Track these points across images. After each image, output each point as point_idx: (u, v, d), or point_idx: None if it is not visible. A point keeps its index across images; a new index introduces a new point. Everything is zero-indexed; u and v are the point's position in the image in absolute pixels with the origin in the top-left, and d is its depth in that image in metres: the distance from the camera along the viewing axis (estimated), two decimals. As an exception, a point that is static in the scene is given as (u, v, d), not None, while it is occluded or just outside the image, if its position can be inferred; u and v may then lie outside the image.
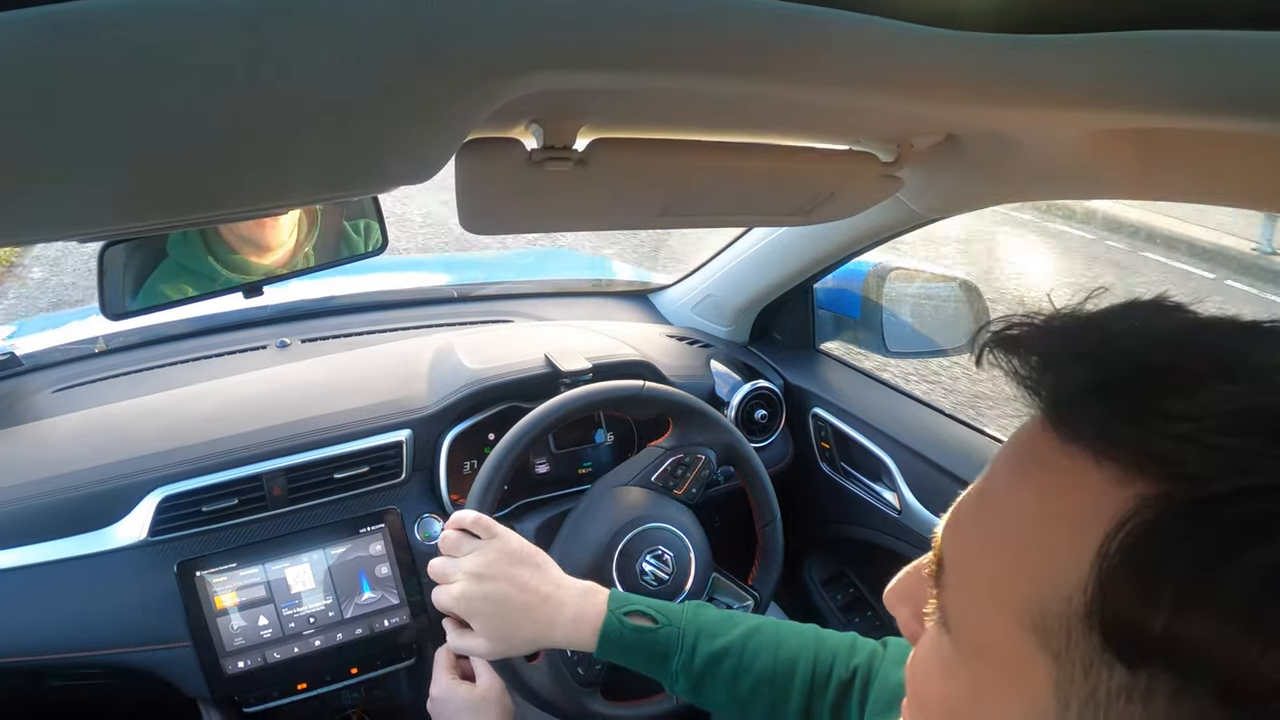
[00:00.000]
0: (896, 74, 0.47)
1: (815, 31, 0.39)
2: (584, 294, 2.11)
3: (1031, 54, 0.43)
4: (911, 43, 0.40)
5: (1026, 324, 0.38)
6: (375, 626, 1.36)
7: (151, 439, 1.36)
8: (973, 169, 0.90)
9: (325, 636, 1.33)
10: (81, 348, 1.73)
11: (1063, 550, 0.35)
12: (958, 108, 0.58)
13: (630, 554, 1.17)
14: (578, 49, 0.40)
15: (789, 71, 0.46)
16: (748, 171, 0.83)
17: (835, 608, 1.76)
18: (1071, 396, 0.36)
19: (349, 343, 1.75)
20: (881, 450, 1.52)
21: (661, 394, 1.27)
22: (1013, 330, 0.38)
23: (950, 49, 0.41)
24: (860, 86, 0.50)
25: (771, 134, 0.82)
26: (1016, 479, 0.39)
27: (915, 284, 1.66)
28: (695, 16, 0.37)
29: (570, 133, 0.69)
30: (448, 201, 4.94)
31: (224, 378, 1.55)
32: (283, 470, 1.34)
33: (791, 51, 0.43)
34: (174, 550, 1.28)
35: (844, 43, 0.41)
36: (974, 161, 0.88)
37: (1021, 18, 0.40)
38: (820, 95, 0.53)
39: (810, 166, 0.84)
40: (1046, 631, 0.35)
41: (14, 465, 1.35)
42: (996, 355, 0.38)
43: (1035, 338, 0.37)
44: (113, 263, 1.27)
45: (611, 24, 0.37)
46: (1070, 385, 0.36)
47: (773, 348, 1.83)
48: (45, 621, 1.24)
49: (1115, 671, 0.33)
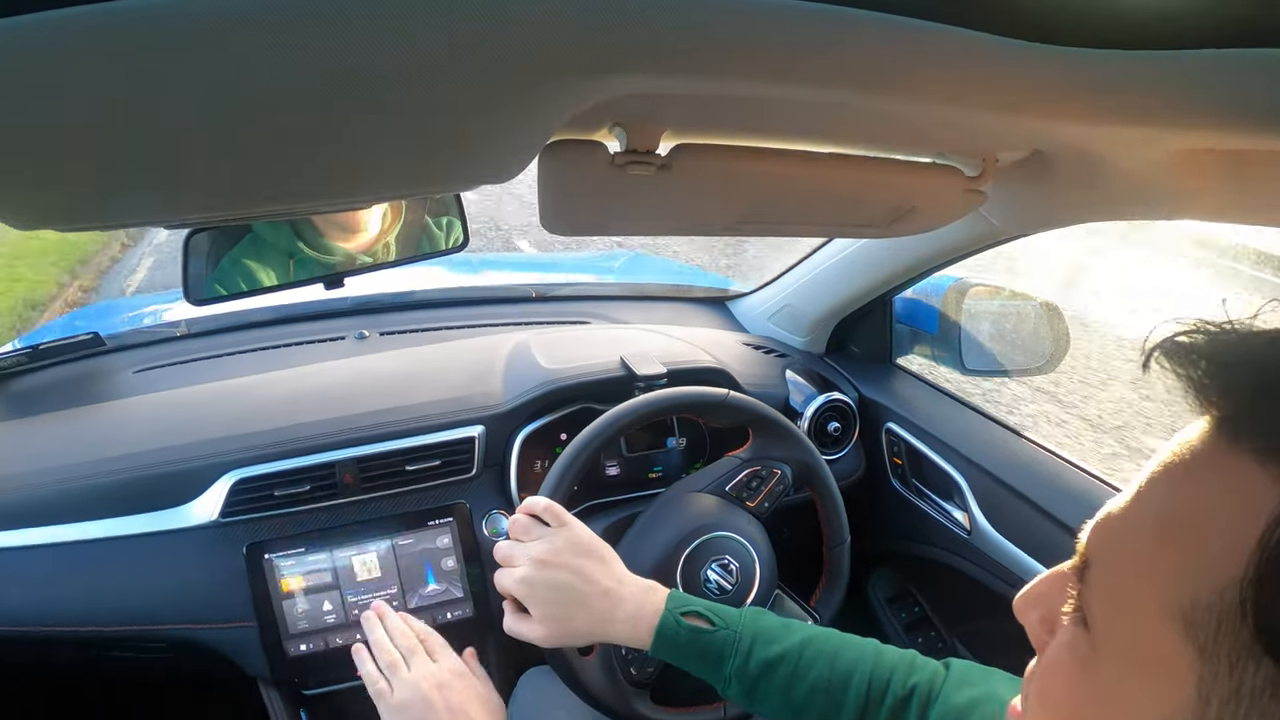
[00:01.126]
0: (987, 87, 0.46)
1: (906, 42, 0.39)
2: (662, 298, 2.11)
3: (1123, 70, 0.42)
4: (1005, 56, 0.40)
5: (1198, 331, 0.38)
6: (438, 618, 1.37)
7: (228, 423, 1.39)
8: (1057, 186, 0.89)
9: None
10: (164, 330, 1.77)
11: (1220, 543, 0.34)
12: (1046, 123, 0.58)
13: (696, 560, 1.16)
14: (662, 53, 0.40)
15: (876, 82, 0.46)
16: (830, 182, 0.82)
17: (898, 626, 1.74)
18: (1240, 400, 0.36)
19: (426, 337, 1.77)
20: (954, 468, 1.50)
21: (745, 405, 1.26)
22: (1183, 336, 0.38)
23: (1043, 63, 0.41)
24: (950, 99, 0.49)
25: (855, 145, 0.81)
26: (1175, 479, 0.39)
27: (995, 301, 1.64)
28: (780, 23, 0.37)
29: (653, 137, 0.69)
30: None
31: (302, 366, 1.58)
32: (355, 460, 1.36)
33: (880, 62, 0.42)
34: (244, 532, 1.30)
35: (936, 55, 0.41)
36: (1058, 178, 0.87)
37: (1116, 33, 0.39)
38: (908, 107, 0.52)
39: (893, 179, 0.83)
40: (1195, 624, 0.35)
41: (94, 441, 1.38)
42: (1165, 360, 0.38)
43: (1206, 345, 0.37)
44: (197, 250, 1.30)
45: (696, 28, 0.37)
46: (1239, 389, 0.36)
47: (849, 360, 1.81)
48: (114, 594, 1.27)
49: (1263, 666, 0.33)
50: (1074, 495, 1.30)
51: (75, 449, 1.37)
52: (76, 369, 1.64)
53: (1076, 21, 0.39)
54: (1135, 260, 8.32)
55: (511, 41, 0.37)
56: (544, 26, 0.36)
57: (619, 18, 0.36)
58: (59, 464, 1.33)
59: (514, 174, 0.56)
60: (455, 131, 0.46)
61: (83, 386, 1.58)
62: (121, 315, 2.20)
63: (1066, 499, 1.30)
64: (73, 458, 1.34)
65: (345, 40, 0.34)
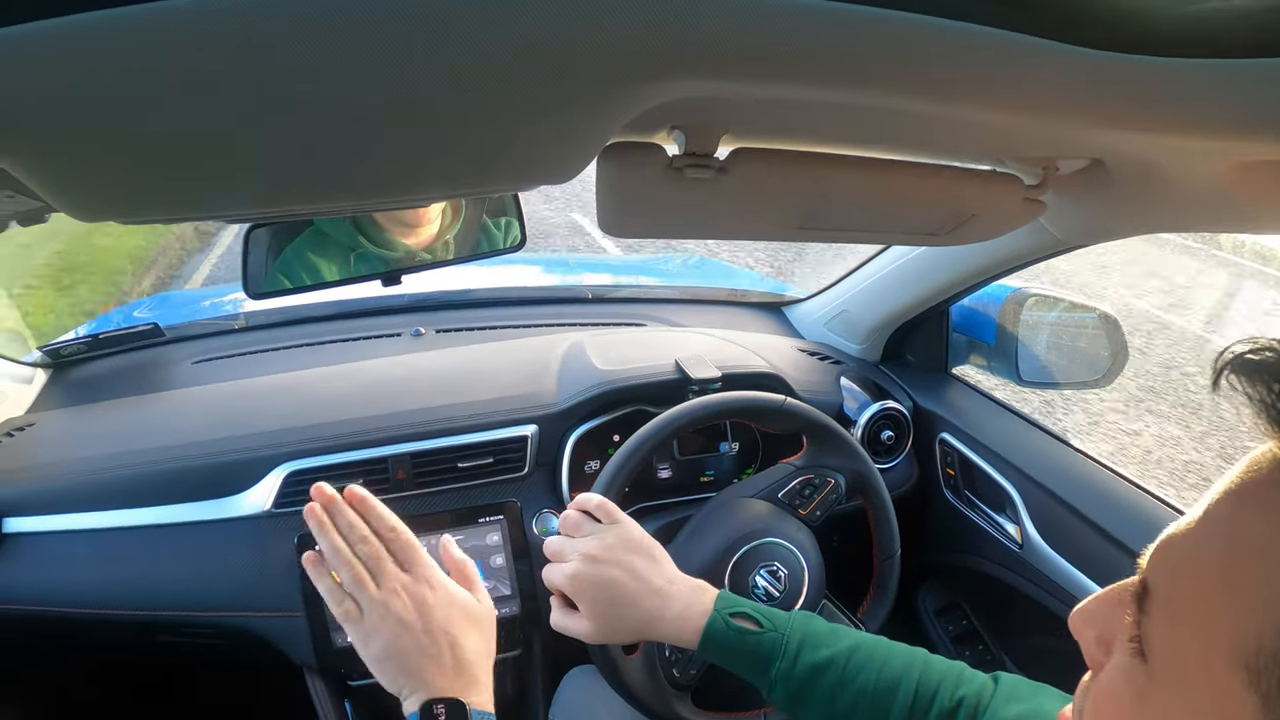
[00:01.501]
0: (1052, 94, 0.46)
1: (974, 50, 0.39)
2: (718, 302, 2.11)
3: (1188, 78, 0.41)
4: (1070, 63, 0.40)
5: (1269, 349, 0.37)
6: (485, 615, 1.38)
7: (283, 415, 1.41)
8: (1118, 196, 0.88)
9: (435, 620, 1.36)
10: (222, 323, 1.80)
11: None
12: (1109, 131, 0.57)
13: (745, 565, 1.16)
14: (722, 57, 0.40)
15: (942, 89, 0.46)
16: (888, 188, 0.81)
17: (946, 638, 1.73)
18: None
19: (482, 335, 1.78)
20: (1007, 481, 1.48)
21: (799, 411, 1.25)
22: (1256, 355, 0.37)
23: (1107, 70, 0.40)
24: (1015, 107, 0.49)
25: (915, 151, 0.81)
26: (1243, 507, 0.37)
27: (1054, 312, 1.62)
28: (843, 28, 0.37)
29: (712, 141, 0.69)
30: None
31: (358, 362, 1.60)
32: (408, 455, 1.37)
33: (948, 69, 0.42)
34: (295, 523, 1.31)
35: (1003, 62, 0.41)
36: (1119, 188, 0.86)
37: (1181, 41, 0.39)
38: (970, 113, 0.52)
39: (952, 186, 0.82)
40: (1259, 671, 0.34)
41: (152, 430, 1.41)
42: (1236, 380, 0.37)
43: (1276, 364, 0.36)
44: (257, 244, 1.33)
45: (757, 32, 0.37)
46: None
47: (904, 368, 1.80)
48: (165, 579, 1.29)
49: None
50: (1132, 514, 1.28)
51: (133, 436, 1.39)
52: (136, 358, 1.68)
53: (1143, 29, 0.38)
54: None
55: (578, 44, 0.37)
56: (610, 29, 0.36)
57: (685, 20, 0.36)
58: (117, 450, 1.36)
59: (572, 175, 0.57)
60: (518, 132, 0.47)
61: (142, 376, 1.62)
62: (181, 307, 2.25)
63: (1124, 517, 1.28)
64: (131, 445, 1.37)
65: (413, 42, 0.35)
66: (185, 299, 2.31)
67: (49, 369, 1.66)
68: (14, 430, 1.43)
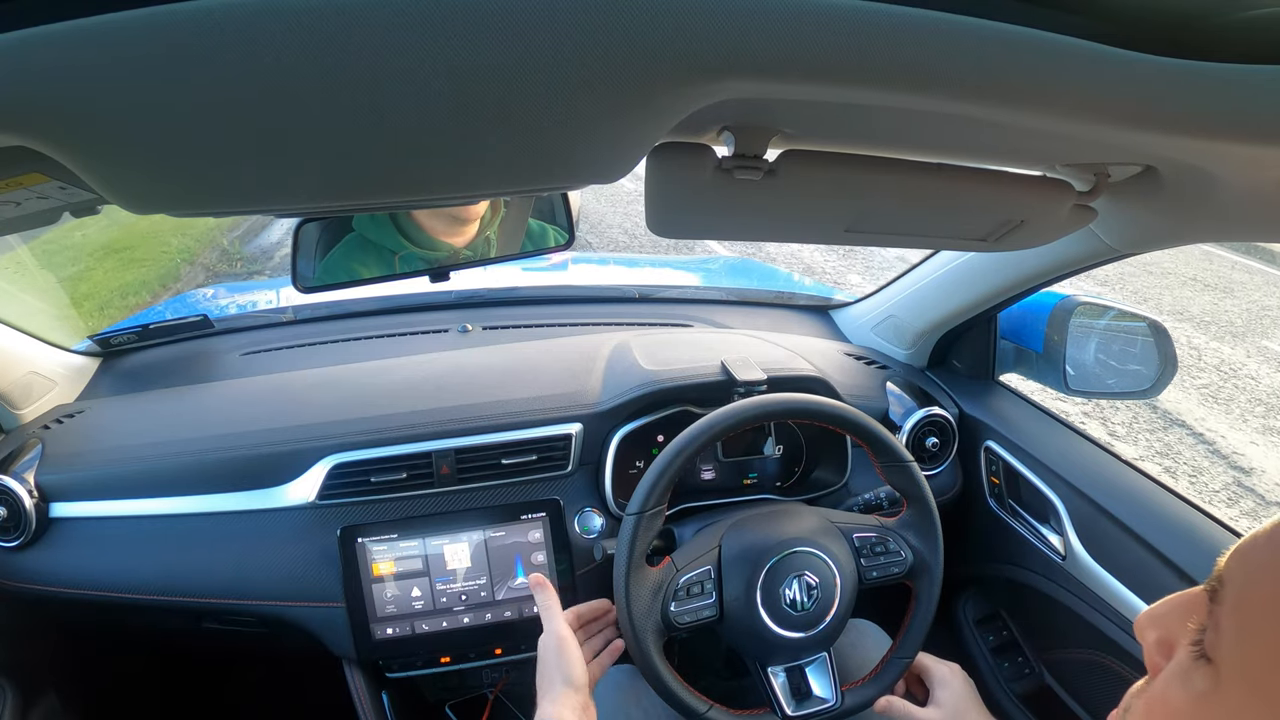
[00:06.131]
0: (1107, 100, 0.46)
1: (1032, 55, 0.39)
2: (765, 304, 2.10)
3: (1248, 84, 0.41)
4: (1126, 68, 0.39)
5: None
6: (524, 611, 1.38)
7: (329, 408, 1.42)
8: (1170, 204, 0.86)
9: (474, 615, 1.36)
10: (271, 315, 1.82)
11: None
12: (1165, 137, 0.57)
13: (781, 571, 1.15)
14: (773, 59, 0.40)
15: (998, 94, 0.45)
16: (938, 193, 0.81)
17: (985, 649, 1.71)
18: None
19: (528, 333, 1.79)
20: (1052, 491, 1.47)
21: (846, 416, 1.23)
22: None
23: (1166, 75, 0.40)
24: (1069, 112, 0.48)
25: (965, 156, 0.80)
26: None
27: (1103, 321, 1.60)
28: (894, 31, 0.37)
29: (762, 142, 0.69)
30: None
31: (404, 357, 1.61)
32: (453, 450, 1.38)
33: (994, 72, 0.42)
34: (339, 515, 1.33)
35: (1057, 66, 0.41)
36: (1172, 196, 0.84)
37: (1237, 47, 0.39)
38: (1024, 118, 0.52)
39: (1002, 192, 0.81)
40: None
41: (199, 420, 1.43)
42: None
43: None
44: (306, 239, 1.35)
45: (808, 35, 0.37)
46: None
47: (951, 375, 1.79)
48: (210, 567, 1.31)
49: None
50: (1180, 530, 1.26)
51: (181, 426, 1.42)
52: (186, 349, 1.70)
53: (1204, 34, 0.38)
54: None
55: (633, 45, 0.37)
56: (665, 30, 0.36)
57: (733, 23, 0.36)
58: (164, 439, 1.38)
59: (621, 175, 0.57)
60: (570, 131, 0.47)
61: (191, 366, 1.65)
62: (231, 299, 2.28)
63: (1171, 533, 1.26)
64: (178, 434, 1.39)
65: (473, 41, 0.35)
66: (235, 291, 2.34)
67: (99, 358, 1.69)
68: (64, 417, 1.46)
